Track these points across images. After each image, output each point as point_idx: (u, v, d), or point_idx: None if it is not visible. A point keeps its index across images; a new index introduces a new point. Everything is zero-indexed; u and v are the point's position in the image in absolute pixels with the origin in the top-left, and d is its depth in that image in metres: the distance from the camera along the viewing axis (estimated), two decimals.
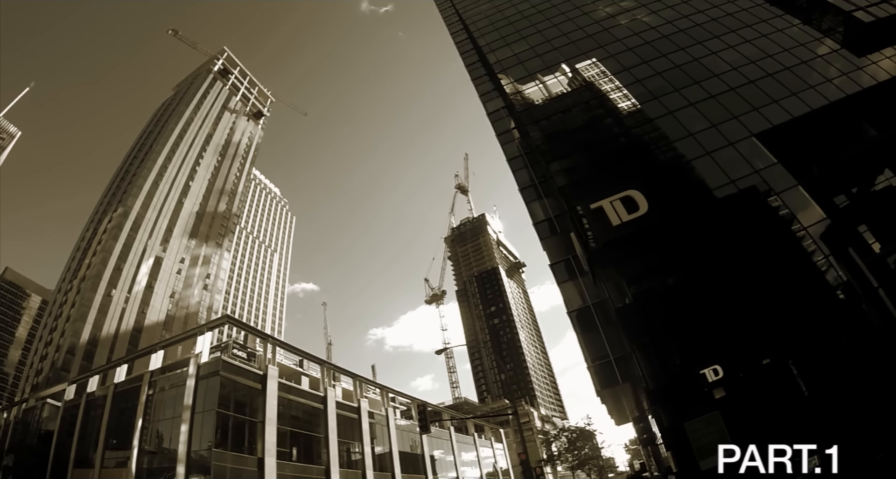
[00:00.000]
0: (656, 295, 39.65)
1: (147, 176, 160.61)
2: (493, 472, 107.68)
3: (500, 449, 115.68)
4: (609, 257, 39.99)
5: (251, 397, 59.15)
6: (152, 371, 67.07)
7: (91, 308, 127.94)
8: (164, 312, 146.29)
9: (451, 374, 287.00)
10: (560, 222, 49.72)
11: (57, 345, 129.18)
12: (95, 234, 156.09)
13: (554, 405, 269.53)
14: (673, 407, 35.01)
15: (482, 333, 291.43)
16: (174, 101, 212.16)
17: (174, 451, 55.80)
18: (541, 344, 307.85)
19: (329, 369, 74.64)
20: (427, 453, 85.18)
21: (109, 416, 70.55)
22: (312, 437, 64.95)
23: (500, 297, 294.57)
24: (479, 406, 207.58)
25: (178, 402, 59.19)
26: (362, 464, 69.58)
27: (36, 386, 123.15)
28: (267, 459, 55.49)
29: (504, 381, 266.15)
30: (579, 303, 47.01)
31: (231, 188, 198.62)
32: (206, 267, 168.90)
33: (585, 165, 49.81)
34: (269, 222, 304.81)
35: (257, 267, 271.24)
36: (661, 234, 38.64)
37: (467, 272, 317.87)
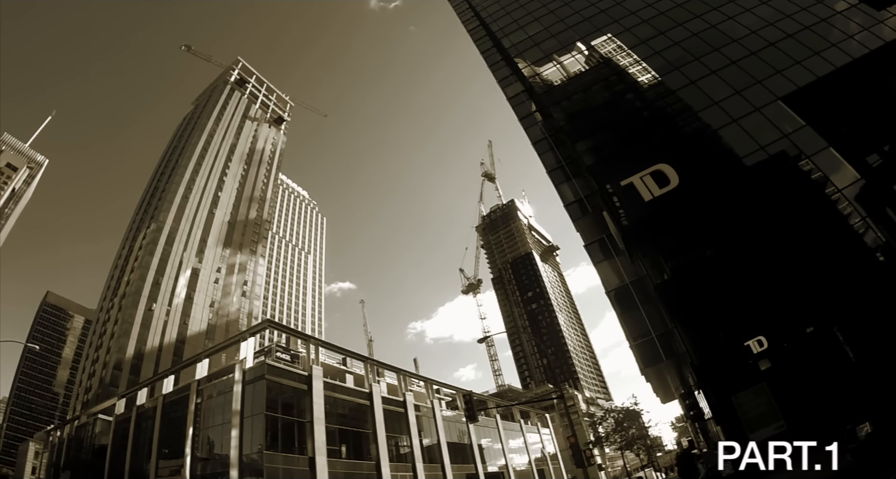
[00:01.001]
0: (694, 269, 39.09)
1: (176, 190, 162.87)
2: (541, 457, 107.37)
3: (546, 434, 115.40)
4: (644, 233, 39.62)
5: (298, 398, 59.69)
6: (199, 380, 67.89)
7: (134, 324, 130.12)
8: (206, 321, 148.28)
9: (493, 362, 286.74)
10: (591, 202, 49.04)
11: (104, 362, 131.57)
12: (131, 251, 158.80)
13: (597, 387, 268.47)
14: (719, 381, 34.54)
15: (521, 319, 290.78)
16: (195, 114, 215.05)
17: (226, 456, 56.51)
18: (580, 326, 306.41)
19: (372, 366, 75.06)
20: (475, 442, 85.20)
21: (160, 426, 71.68)
22: (361, 433, 65.40)
23: (536, 282, 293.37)
24: (524, 393, 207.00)
25: (226, 408, 59.91)
26: (411, 457, 69.85)
27: (86, 403, 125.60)
28: (318, 458, 55.99)
29: (546, 366, 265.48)
30: (617, 282, 46.52)
31: (260, 195, 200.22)
32: (242, 274, 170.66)
33: (611, 143, 49.27)
34: (301, 225, 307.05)
35: (293, 270, 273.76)
36: (694, 206, 38.10)
37: (501, 259, 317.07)
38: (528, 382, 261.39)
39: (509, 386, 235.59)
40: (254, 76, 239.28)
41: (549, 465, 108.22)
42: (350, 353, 79.35)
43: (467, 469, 80.00)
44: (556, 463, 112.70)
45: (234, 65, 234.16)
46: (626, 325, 46.07)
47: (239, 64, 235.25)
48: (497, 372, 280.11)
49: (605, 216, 44.57)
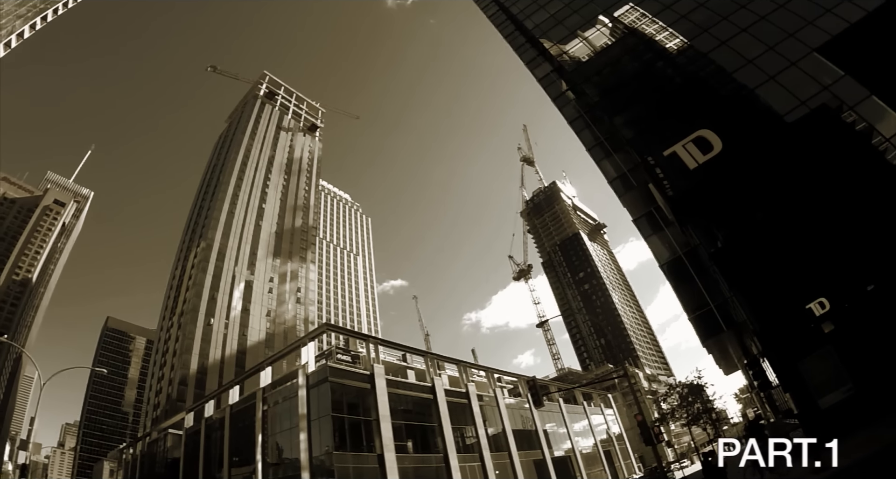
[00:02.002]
0: (748, 234, 37.84)
1: (221, 207, 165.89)
2: (606, 439, 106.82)
3: (610, 415, 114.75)
4: (692, 202, 38.81)
5: (362, 398, 60.32)
6: (263, 388, 69.04)
7: (194, 339, 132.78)
8: (264, 331, 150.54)
9: (551, 346, 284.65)
10: (635, 176, 48.23)
11: (169, 379, 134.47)
12: (184, 270, 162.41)
13: (658, 363, 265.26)
14: (783, 347, 33.70)
15: (574, 300, 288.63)
16: (230, 132, 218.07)
17: (296, 459, 57.48)
18: (635, 303, 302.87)
19: (432, 359, 75.44)
20: (540, 428, 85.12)
21: (230, 436, 73.30)
22: (426, 427, 65.87)
23: (587, 262, 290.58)
24: (584, 374, 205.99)
25: (292, 413, 60.87)
26: (478, 447, 70.08)
27: (156, 420, 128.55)
28: (386, 454, 56.57)
29: (604, 346, 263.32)
30: (669, 255, 45.78)
31: (303, 203, 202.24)
32: (295, 282, 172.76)
33: (648, 114, 48.25)
34: (346, 228, 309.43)
35: (344, 273, 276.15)
36: (741, 170, 37.22)
37: (549, 242, 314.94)
38: (587, 363, 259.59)
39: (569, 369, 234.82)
40: (282, 88, 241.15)
41: (616, 445, 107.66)
42: (409, 349, 79.91)
43: (534, 455, 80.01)
44: (622, 443, 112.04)
45: (262, 79, 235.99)
46: (683, 297, 45.46)
47: (266, 78, 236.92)
48: (555, 356, 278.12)
49: (652, 189, 43.81)
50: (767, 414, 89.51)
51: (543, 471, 79.29)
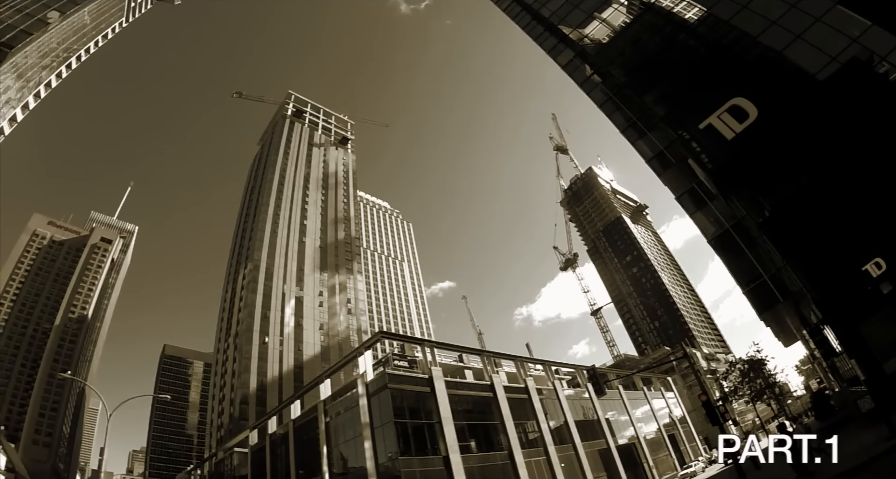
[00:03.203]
0: (795, 200, 36.73)
1: (264, 228, 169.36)
2: (669, 422, 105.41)
3: (671, 398, 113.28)
4: (734, 173, 37.84)
5: (423, 402, 60.55)
6: (324, 400, 69.87)
7: (251, 358, 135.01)
8: (318, 344, 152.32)
9: (605, 333, 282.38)
10: (672, 153, 47.44)
11: (230, 399, 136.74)
12: (234, 293, 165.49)
13: (714, 342, 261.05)
14: (843, 312, 32.80)
15: (624, 285, 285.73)
16: (263, 153, 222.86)
17: (362, 468, 58.03)
18: (685, 282, 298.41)
19: (489, 357, 75.31)
20: (601, 417, 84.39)
21: (294, 450, 74.37)
22: (489, 425, 65.82)
23: (632, 245, 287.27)
24: (641, 359, 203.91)
25: (355, 422, 61.51)
26: (542, 441, 69.76)
27: (221, 440, 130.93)
28: (451, 456, 56.66)
29: (658, 328, 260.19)
30: (717, 229, 44.95)
31: (343, 216, 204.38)
32: (344, 294, 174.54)
33: (678, 88, 47.31)
34: (389, 236, 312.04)
35: (391, 280, 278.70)
36: (779, 135, 36.28)
37: (592, 229, 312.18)
38: (643, 348, 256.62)
39: (625, 355, 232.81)
40: (308, 105, 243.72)
41: (679, 429, 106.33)
42: (464, 349, 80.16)
43: (598, 445, 79.38)
44: (686, 426, 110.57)
45: (287, 99, 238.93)
46: (735, 271, 44.77)
47: (291, 97, 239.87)
48: (610, 343, 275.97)
49: (692, 164, 43.06)
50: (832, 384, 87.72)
51: (609, 460, 78.61)
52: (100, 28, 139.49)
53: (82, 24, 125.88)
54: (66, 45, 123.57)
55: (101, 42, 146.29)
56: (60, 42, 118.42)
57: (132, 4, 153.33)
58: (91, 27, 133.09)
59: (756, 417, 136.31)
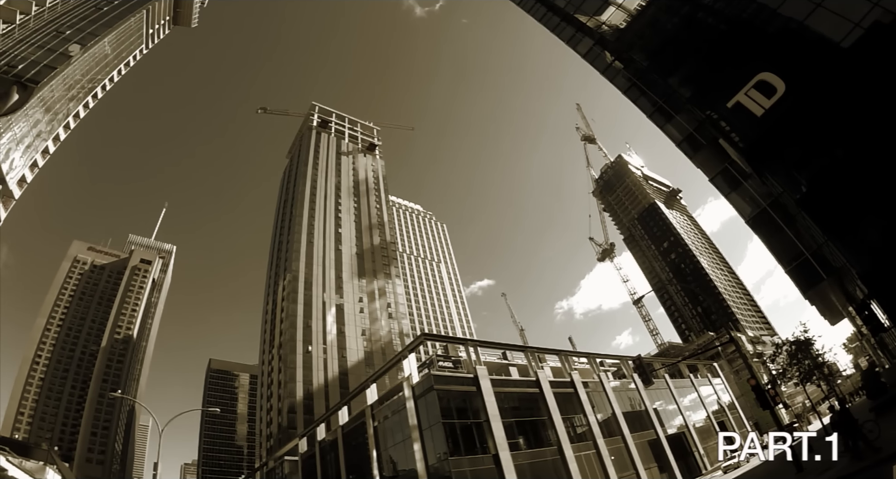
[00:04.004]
0: (832, 173, 35.66)
1: (300, 239, 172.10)
2: (718, 409, 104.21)
3: (719, 384, 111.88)
4: (767, 150, 36.98)
5: (469, 401, 60.83)
6: (371, 405, 70.38)
7: (296, 368, 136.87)
8: (362, 350, 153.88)
9: (648, 322, 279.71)
10: (702, 134, 46.64)
11: (277, 409, 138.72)
12: (275, 304, 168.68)
13: (759, 324, 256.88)
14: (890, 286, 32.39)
15: (663, 272, 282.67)
16: (292, 166, 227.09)
17: (412, 470, 58.44)
18: (725, 265, 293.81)
19: (532, 353, 75.26)
20: (649, 407, 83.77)
21: (344, 455, 75.02)
22: (537, 421, 65.90)
23: (668, 230, 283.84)
24: (686, 346, 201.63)
25: (403, 425, 61.92)
26: (590, 434, 69.48)
27: (270, 449, 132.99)
28: (501, 454, 56.80)
29: (701, 314, 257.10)
30: (753, 209, 44.13)
31: (377, 221, 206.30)
32: (383, 298, 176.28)
33: (702, 68, 46.38)
34: (423, 238, 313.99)
35: (429, 282, 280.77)
36: (809, 107, 35.53)
37: (627, 218, 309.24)
38: (687, 334, 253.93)
39: (669, 343, 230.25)
40: (333, 115, 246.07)
41: (728, 415, 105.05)
42: (508, 346, 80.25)
43: (647, 436, 78.83)
44: (735, 412, 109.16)
45: (312, 110, 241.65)
46: (775, 250, 44.11)
47: (316, 108, 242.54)
48: (654, 332, 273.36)
49: (723, 144, 42.34)
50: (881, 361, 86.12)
51: (659, 451, 78.07)
52: (121, 57, 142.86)
53: (104, 55, 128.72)
54: (91, 76, 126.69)
55: (124, 70, 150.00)
56: (84, 73, 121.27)
57: (150, 31, 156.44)
58: (113, 57, 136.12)
59: (806, 399, 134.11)
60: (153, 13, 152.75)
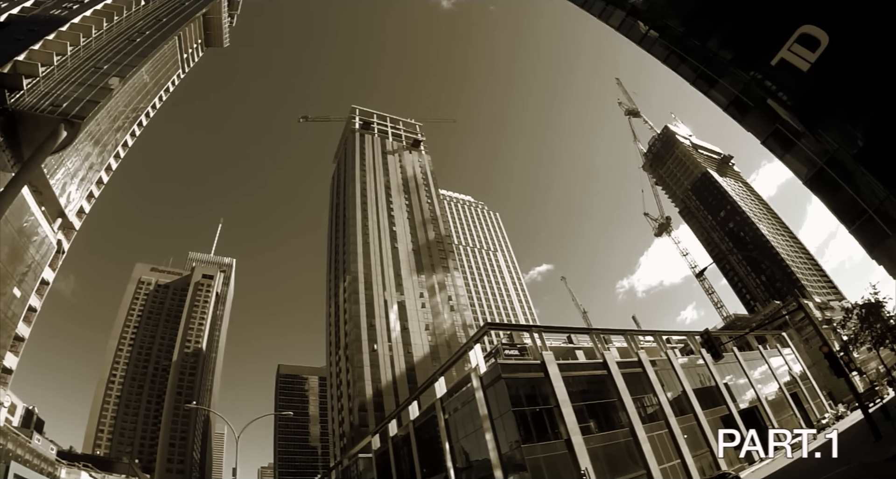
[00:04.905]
0: (887, 123, 33.72)
1: (355, 241, 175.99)
2: (790, 380, 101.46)
3: (789, 354, 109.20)
4: (817, 105, 35.48)
5: (538, 387, 61.19)
6: (440, 398, 71.24)
7: (364, 367, 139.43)
8: (427, 345, 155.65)
9: (711, 295, 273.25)
10: (749, 96, 45.16)
11: (348, 408, 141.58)
12: (338, 307, 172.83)
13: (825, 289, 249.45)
14: None
15: (723, 242, 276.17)
16: (340, 170, 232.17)
17: (486, 460, 59.12)
18: (786, 230, 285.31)
19: (597, 335, 75.05)
20: (720, 382, 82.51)
21: (417, 449, 76.05)
22: (607, 404, 65.75)
23: (724, 198, 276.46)
24: (752, 317, 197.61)
25: (473, 416, 62.59)
26: (662, 414, 68.87)
27: (344, 448, 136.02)
28: (573, 438, 56.99)
29: (765, 282, 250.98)
30: (809, 169, 42.86)
31: (430, 216, 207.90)
32: (444, 292, 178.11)
33: (740, 27, 45.04)
34: (478, 228, 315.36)
35: (487, 272, 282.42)
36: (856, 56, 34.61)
37: (680, 190, 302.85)
38: (752, 305, 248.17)
39: (735, 315, 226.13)
40: (374, 115, 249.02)
41: (801, 385, 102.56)
42: (572, 329, 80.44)
43: (720, 412, 77.69)
44: (808, 382, 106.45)
45: (353, 113, 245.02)
46: (837, 210, 42.93)
47: (356, 111, 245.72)
48: (718, 304, 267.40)
49: (771, 104, 41.11)
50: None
51: (732, 426, 76.94)
52: (160, 83, 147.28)
53: (143, 84, 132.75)
54: (133, 106, 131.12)
55: (165, 96, 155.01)
56: (127, 104, 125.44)
57: (184, 56, 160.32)
58: (152, 85, 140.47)
59: (880, 364, 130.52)
60: (185, 38, 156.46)
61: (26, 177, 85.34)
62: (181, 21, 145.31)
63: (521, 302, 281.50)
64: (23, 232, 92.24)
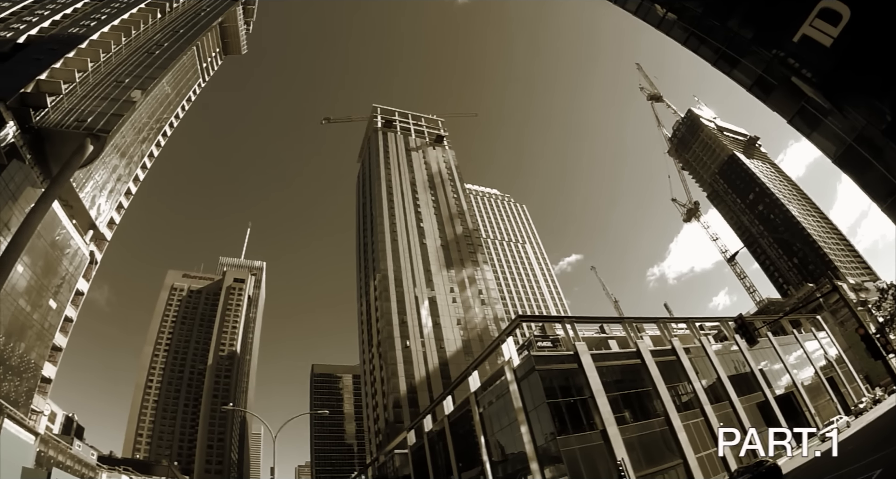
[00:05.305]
0: None
1: (384, 239, 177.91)
2: (826, 364, 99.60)
3: (824, 338, 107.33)
4: (843, 81, 34.69)
5: (572, 378, 61.09)
6: (474, 392, 71.55)
7: (397, 364, 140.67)
8: (459, 339, 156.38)
9: (743, 280, 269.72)
10: (772, 74, 44.39)
11: (383, 405, 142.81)
12: (369, 305, 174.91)
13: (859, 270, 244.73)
14: None
15: (753, 225, 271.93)
16: (364, 169, 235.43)
17: (521, 452, 59.39)
18: (816, 211, 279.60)
19: (630, 324, 74.57)
20: (755, 368, 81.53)
21: (452, 444, 76.45)
22: (641, 393, 65.35)
23: (752, 181, 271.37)
24: (785, 301, 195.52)
25: (508, 409, 62.85)
26: (697, 401, 68.15)
27: (380, 445, 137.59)
28: (608, 429, 56.87)
29: (797, 265, 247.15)
30: (838, 146, 42.41)
31: (456, 211, 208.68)
32: (474, 286, 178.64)
33: (759, 5, 44.93)
34: (505, 221, 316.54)
35: (517, 264, 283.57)
36: (880, 29, 33.95)
37: (707, 173, 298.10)
38: (785, 288, 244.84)
39: (768, 299, 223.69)
40: (395, 113, 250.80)
41: (837, 369, 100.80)
42: (604, 319, 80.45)
43: (755, 399, 76.66)
44: (844, 366, 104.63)
45: (374, 113, 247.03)
46: (868, 188, 42.25)
47: (377, 110, 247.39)
48: (750, 289, 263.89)
49: (795, 82, 40.50)
50: None
51: (768, 413, 75.79)
52: (182, 93, 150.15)
53: (165, 95, 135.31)
54: (157, 117, 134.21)
55: (187, 106, 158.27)
56: (150, 116, 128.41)
57: (204, 65, 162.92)
58: (174, 95, 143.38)
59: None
60: (203, 48, 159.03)
61: (56, 192, 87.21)
62: (198, 31, 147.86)
63: (551, 293, 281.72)
64: (55, 245, 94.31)
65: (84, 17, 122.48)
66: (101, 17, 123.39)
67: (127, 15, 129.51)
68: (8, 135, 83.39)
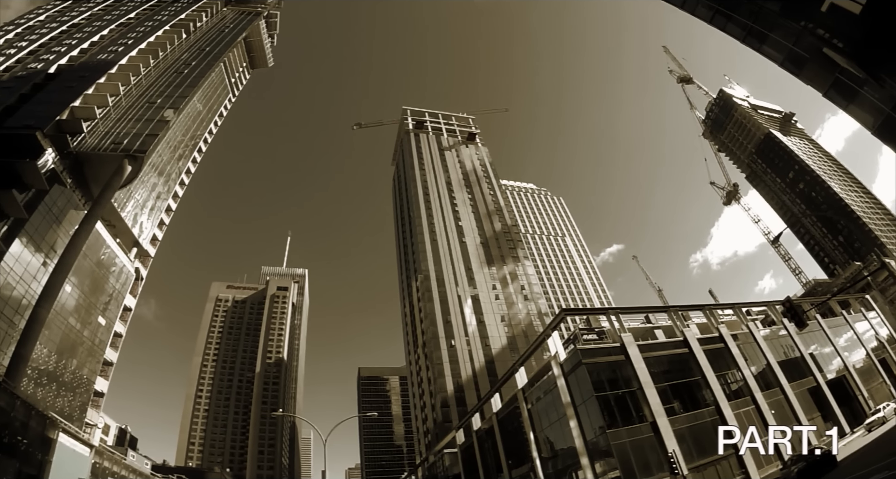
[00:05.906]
0: None
1: (423, 240, 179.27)
2: (877, 345, 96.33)
3: (874, 318, 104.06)
4: (876, 49, 33.56)
5: (620, 370, 60.69)
6: (522, 389, 71.63)
7: (443, 363, 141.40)
8: (504, 336, 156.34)
9: (788, 261, 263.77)
10: (803, 47, 43.77)
11: (430, 405, 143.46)
12: (412, 306, 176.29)
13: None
14: None
15: (795, 204, 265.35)
16: (399, 172, 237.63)
17: (571, 447, 59.29)
18: (859, 186, 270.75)
19: (675, 312, 73.36)
20: (804, 352, 79.53)
21: (501, 441, 76.69)
22: (690, 383, 64.40)
23: (791, 159, 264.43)
24: (832, 281, 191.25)
25: (556, 404, 62.82)
26: (747, 389, 66.85)
27: (429, 445, 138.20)
28: (658, 420, 56.22)
29: (843, 243, 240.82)
30: (877, 117, 41.65)
31: (494, 208, 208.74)
32: (516, 282, 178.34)
33: None
34: (543, 215, 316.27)
35: (557, 258, 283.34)
36: None
37: (744, 154, 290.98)
38: (831, 268, 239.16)
39: (815, 280, 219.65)
40: (426, 114, 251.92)
41: (890, 351, 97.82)
42: (649, 309, 79.66)
43: (806, 384, 74.59)
44: None
45: (405, 115, 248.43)
46: None
47: (408, 112, 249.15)
48: (796, 271, 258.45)
49: (827, 53, 39.85)
50: None
51: (820, 398, 73.76)
52: (213, 109, 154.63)
53: (197, 112, 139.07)
54: (191, 134, 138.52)
55: (220, 121, 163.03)
56: (185, 133, 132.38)
57: (232, 80, 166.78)
58: (206, 112, 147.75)
59: None
60: (230, 64, 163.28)
61: (98, 212, 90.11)
62: (224, 48, 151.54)
63: (594, 285, 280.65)
64: (101, 264, 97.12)
65: (111, 44, 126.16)
66: (127, 42, 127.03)
67: (153, 37, 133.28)
68: (48, 162, 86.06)
